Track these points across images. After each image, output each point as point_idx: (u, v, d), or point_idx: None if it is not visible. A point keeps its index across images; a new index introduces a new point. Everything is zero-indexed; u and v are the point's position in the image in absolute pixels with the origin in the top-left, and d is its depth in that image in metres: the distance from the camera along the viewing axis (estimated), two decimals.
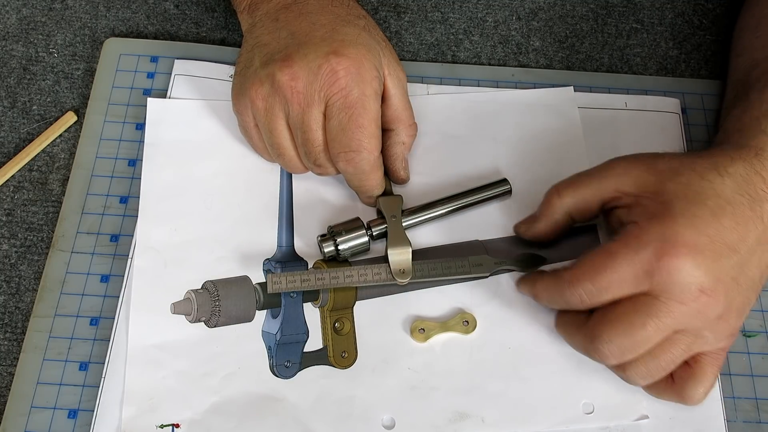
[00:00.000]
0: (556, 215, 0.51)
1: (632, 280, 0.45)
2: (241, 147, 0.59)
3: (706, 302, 0.45)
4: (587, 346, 0.48)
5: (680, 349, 0.46)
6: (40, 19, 0.66)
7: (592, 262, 0.46)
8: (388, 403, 0.51)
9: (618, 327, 0.46)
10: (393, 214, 0.55)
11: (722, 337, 0.47)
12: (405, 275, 0.54)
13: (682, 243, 0.44)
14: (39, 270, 0.56)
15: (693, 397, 0.48)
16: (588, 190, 0.50)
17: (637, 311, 0.45)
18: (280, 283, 0.52)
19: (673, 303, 0.45)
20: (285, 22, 0.54)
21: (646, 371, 0.47)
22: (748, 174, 0.47)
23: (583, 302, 0.47)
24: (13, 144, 0.61)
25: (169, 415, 0.51)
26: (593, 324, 0.47)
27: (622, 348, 0.46)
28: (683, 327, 0.46)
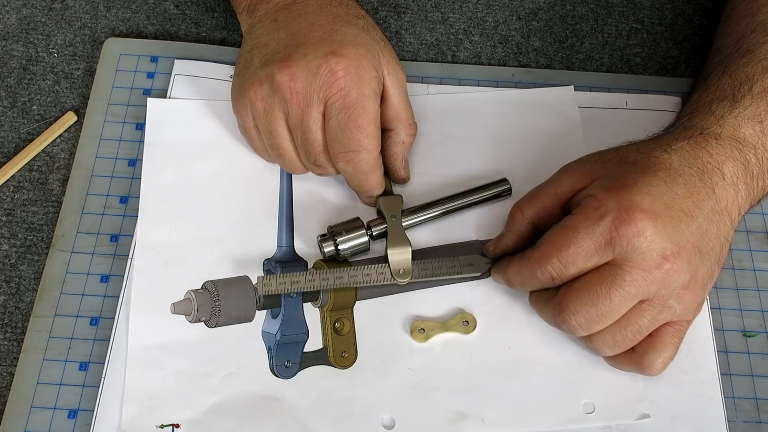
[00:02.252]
0: (521, 229, 0.52)
1: (595, 252, 0.46)
2: (241, 147, 0.59)
3: (669, 269, 0.45)
4: (556, 318, 0.48)
5: (646, 319, 0.47)
6: (40, 19, 0.66)
7: (556, 239, 0.47)
8: (388, 403, 0.51)
9: (584, 298, 0.46)
10: (393, 213, 0.55)
11: (689, 309, 0.48)
12: (405, 275, 0.53)
13: (639, 209, 0.45)
14: (39, 270, 0.56)
15: (651, 367, 0.49)
16: (546, 197, 0.51)
17: (602, 281, 0.46)
18: (270, 285, 0.52)
19: (636, 271, 0.45)
20: (284, 22, 0.54)
21: (613, 341, 0.48)
22: (692, 149, 0.49)
23: (554, 279, 0.48)
24: (13, 144, 0.61)
25: (169, 415, 0.50)
26: (560, 296, 0.48)
27: (588, 319, 0.47)
28: (649, 296, 0.46)
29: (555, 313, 0.48)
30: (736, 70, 0.53)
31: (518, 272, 0.50)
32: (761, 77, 0.52)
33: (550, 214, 0.51)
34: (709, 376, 0.53)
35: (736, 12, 0.60)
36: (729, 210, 0.48)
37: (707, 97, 0.53)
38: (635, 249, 0.45)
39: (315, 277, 0.53)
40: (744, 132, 0.50)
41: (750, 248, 0.58)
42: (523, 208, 0.52)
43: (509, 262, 0.51)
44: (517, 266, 0.50)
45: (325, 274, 0.53)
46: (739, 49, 0.55)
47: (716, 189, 0.48)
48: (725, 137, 0.50)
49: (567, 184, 0.50)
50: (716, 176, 0.48)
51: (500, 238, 0.53)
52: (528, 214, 0.51)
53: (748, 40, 0.55)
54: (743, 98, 0.51)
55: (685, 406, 0.52)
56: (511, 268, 0.51)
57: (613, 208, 0.46)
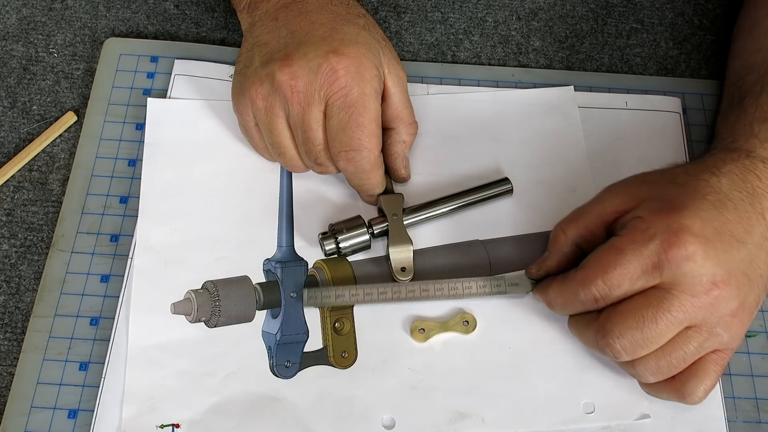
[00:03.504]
0: (564, 250, 0.51)
1: (642, 274, 0.45)
2: (241, 147, 0.59)
3: (718, 295, 0.44)
4: (599, 342, 0.47)
5: (692, 346, 0.46)
6: (40, 19, 0.66)
7: (601, 260, 0.46)
8: (388, 403, 0.51)
9: (629, 321, 0.45)
10: (394, 212, 0.55)
11: (735, 337, 0.46)
12: (406, 273, 0.54)
13: (689, 232, 0.44)
14: (39, 270, 0.56)
15: (692, 396, 0.47)
16: (590, 218, 0.49)
17: (648, 305, 0.45)
18: (315, 298, 0.52)
19: (684, 296, 0.44)
20: (284, 21, 0.54)
21: (656, 367, 0.47)
22: (741, 173, 0.48)
23: (597, 301, 0.46)
24: (13, 144, 0.61)
25: (170, 415, 0.50)
26: (604, 319, 0.46)
27: (633, 343, 0.45)
28: (696, 323, 0.45)
29: (598, 336, 0.47)
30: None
31: (560, 293, 0.49)
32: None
33: (594, 235, 0.49)
34: None
35: (763, 25, 0.58)
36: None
37: (747, 118, 0.52)
38: (684, 273, 0.44)
39: (359, 291, 0.52)
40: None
41: None
42: (565, 228, 0.50)
43: (551, 283, 0.50)
44: (560, 287, 0.49)
45: (369, 289, 0.53)
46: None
47: (766, 214, 0.47)
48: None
49: (612, 205, 0.49)
50: (766, 201, 0.47)
51: (543, 260, 0.52)
52: (571, 235, 0.50)
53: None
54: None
55: (685, 406, 0.52)
56: (552, 289, 0.50)
57: (663, 230, 0.44)
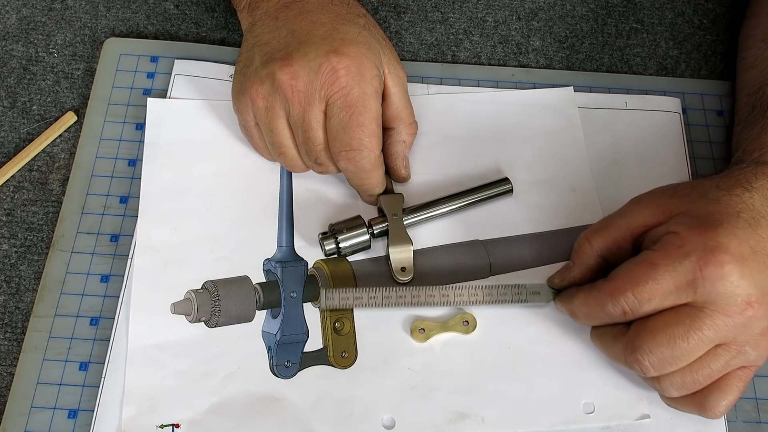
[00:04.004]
0: (589, 261, 0.50)
1: (675, 291, 0.44)
2: (241, 147, 0.59)
3: (752, 316, 0.44)
4: (627, 357, 0.46)
5: (720, 363, 0.45)
6: (40, 19, 0.66)
7: (633, 273, 0.45)
8: (388, 403, 0.51)
9: (659, 338, 0.44)
10: (394, 212, 0.55)
11: (764, 354, 0.46)
12: (406, 273, 0.54)
13: (726, 251, 0.43)
14: (39, 270, 0.56)
15: (714, 410, 0.47)
16: (617, 230, 0.49)
17: (679, 323, 0.44)
18: (333, 299, 0.52)
19: (717, 315, 0.44)
20: (285, 20, 0.54)
21: (682, 384, 0.46)
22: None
23: (626, 314, 0.46)
24: (13, 144, 0.61)
25: (169, 415, 0.50)
26: (633, 334, 0.46)
27: (662, 360, 0.45)
28: (726, 341, 0.45)
29: (627, 351, 0.46)
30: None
31: (585, 303, 0.48)
32: None
33: (621, 248, 0.49)
34: None
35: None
36: None
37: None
38: (719, 293, 0.43)
39: (378, 294, 0.52)
40: None
41: None
42: (591, 239, 0.49)
43: (576, 292, 0.49)
44: (585, 297, 0.48)
45: (388, 292, 0.52)
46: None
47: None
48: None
49: (641, 218, 0.48)
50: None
51: (567, 270, 0.51)
52: (597, 246, 0.49)
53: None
54: None
55: None
56: (578, 298, 0.49)
57: (699, 248, 0.44)
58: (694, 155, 0.61)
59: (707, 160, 0.62)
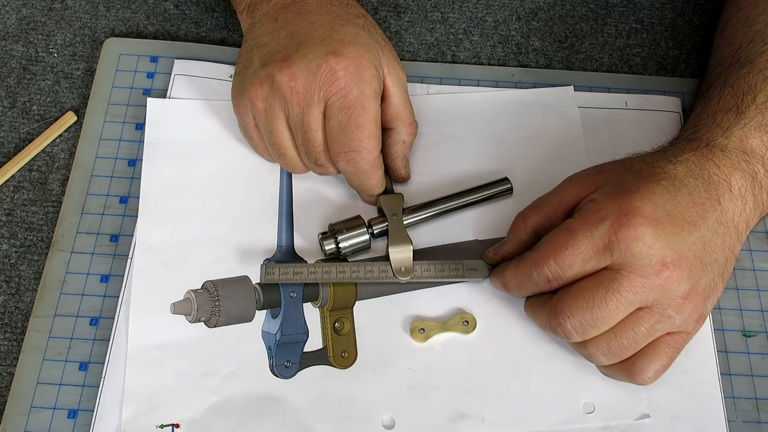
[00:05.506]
0: (523, 237, 0.52)
1: (593, 255, 0.46)
2: (241, 147, 0.59)
3: (668, 276, 0.45)
4: (551, 322, 0.48)
5: (643, 327, 0.46)
6: (40, 19, 0.66)
7: (554, 242, 0.47)
8: (388, 403, 0.51)
9: (580, 301, 0.46)
10: (394, 212, 0.55)
11: (689, 320, 0.47)
12: (406, 273, 0.54)
13: (639, 214, 0.45)
14: (39, 270, 0.56)
15: (641, 375, 0.48)
16: (550, 206, 0.51)
17: (599, 285, 0.46)
18: (273, 274, 0.52)
19: (634, 276, 0.45)
20: (284, 22, 0.54)
21: (608, 348, 0.47)
22: (699, 161, 0.48)
23: (550, 282, 0.47)
24: (13, 144, 0.61)
25: (169, 415, 0.50)
26: (556, 300, 0.47)
27: (583, 323, 0.46)
28: (647, 304, 0.46)
29: (550, 316, 0.48)
30: (738, 80, 0.53)
31: (515, 275, 0.50)
32: (763, 87, 0.51)
33: (553, 222, 0.50)
34: (709, 376, 0.53)
35: (732, 23, 0.59)
36: (735, 222, 0.48)
37: (710, 109, 0.52)
38: (634, 254, 0.45)
39: (318, 269, 0.53)
40: (751, 143, 0.49)
41: (750, 248, 0.58)
42: (526, 216, 0.51)
43: (506, 265, 0.51)
44: (514, 269, 0.50)
45: (327, 267, 0.53)
46: (738, 60, 0.55)
47: (722, 201, 0.47)
48: (732, 149, 0.49)
49: (571, 193, 0.50)
50: (723, 188, 0.48)
51: (501, 245, 0.53)
52: (531, 222, 0.51)
53: (746, 50, 0.55)
54: (747, 109, 0.51)
55: (685, 406, 0.52)
56: (508, 271, 0.51)
57: (613, 212, 0.45)
58: None
59: None
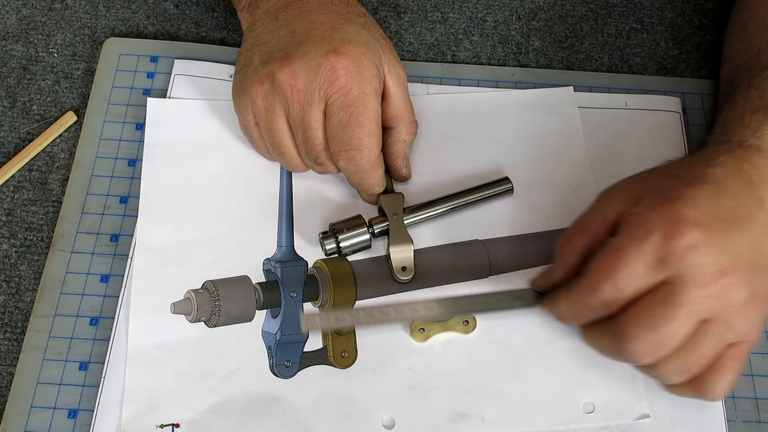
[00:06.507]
0: (571, 260, 0.50)
1: (648, 271, 0.44)
2: (241, 147, 0.59)
3: (727, 283, 0.44)
4: (617, 348, 0.46)
5: (711, 340, 0.45)
6: (40, 19, 0.66)
7: (604, 264, 0.45)
8: (388, 403, 0.51)
9: (644, 322, 0.44)
10: (394, 211, 0.55)
11: (753, 327, 0.46)
12: (407, 273, 0.54)
13: (687, 222, 0.43)
14: (39, 270, 0.56)
15: (712, 391, 0.46)
16: (594, 226, 0.48)
17: (659, 302, 0.44)
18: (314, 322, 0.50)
19: (692, 287, 0.43)
20: (285, 20, 0.54)
21: (680, 368, 0.46)
22: (736, 162, 0.47)
23: (607, 306, 0.46)
24: (13, 144, 0.61)
25: (169, 415, 0.50)
26: (618, 324, 0.45)
27: (651, 344, 0.44)
28: (711, 315, 0.44)
29: (615, 342, 0.46)
30: (762, 82, 0.52)
31: (569, 304, 0.48)
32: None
33: (599, 241, 0.47)
34: None
35: (749, 27, 0.59)
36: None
37: (737, 111, 0.51)
38: (690, 264, 0.43)
39: (360, 313, 0.50)
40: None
41: None
42: (572, 239, 0.49)
43: (559, 295, 0.49)
44: (567, 298, 0.48)
45: (369, 311, 0.50)
46: (760, 62, 0.54)
47: (766, 201, 0.46)
48: (767, 148, 0.48)
49: (612, 207, 0.48)
50: (764, 189, 0.46)
51: (549, 272, 0.51)
52: (578, 245, 0.49)
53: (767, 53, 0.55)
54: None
55: (684, 406, 0.52)
56: (561, 301, 0.48)
57: (660, 223, 0.44)
58: None
59: None
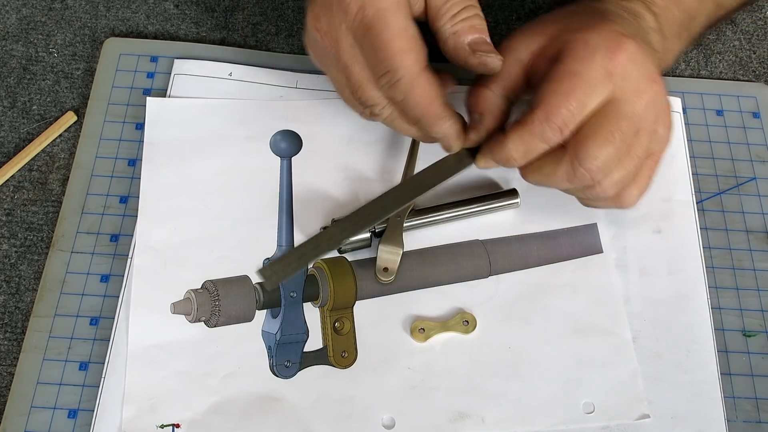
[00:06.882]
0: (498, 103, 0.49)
1: (598, 87, 0.45)
2: (241, 146, 0.59)
3: (658, 90, 0.46)
4: (576, 172, 0.46)
5: (642, 149, 0.47)
6: (40, 19, 0.66)
7: (559, 89, 0.45)
8: (388, 402, 0.51)
9: (600, 140, 0.45)
10: (398, 213, 0.55)
11: (666, 137, 0.49)
12: (388, 274, 0.53)
13: (625, 36, 0.46)
14: (39, 270, 0.56)
15: (630, 200, 0.50)
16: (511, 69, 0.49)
17: (609, 118, 0.45)
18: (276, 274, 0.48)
19: (633, 98, 0.46)
20: None
21: (617, 180, 0.48)
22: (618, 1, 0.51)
23: (563, 131, 0.46)
24: (13, 144, 0.61)
25: (170, 415, 0.50)
26: (574, 147, 0.46)
27: (607, 160, 0.46)
28: (643, 123, 0.46)
29: (573, 166, 0.46)
30: None
31: (521, 141, 0.47)
32: None
33: (518, 84, 0.49)
34: (709, 376, 0.53)
35: None
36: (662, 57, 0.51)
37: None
38: (631, 74, 0.45)
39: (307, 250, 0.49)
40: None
41: (750, 248, 0.58)
42: (491, 86, 0.49)
43: (504, 136, 0.47)
44: (518, 136, 0.47)
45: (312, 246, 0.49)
46: None
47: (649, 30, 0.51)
48: None
49: (527, 50, 0.49)
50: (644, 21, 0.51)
51: (479, 123, 0.49)
52: (497, 89, 0.49)
53: None
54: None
55: (685, 406, 0.52)
56: (511, 140, 0.47)
57: (602, 41, 0.46)
58: (694, 155, 0.62)
59: (707, 160, 0.62)
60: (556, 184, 0.49)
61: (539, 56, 0.48)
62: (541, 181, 0.49)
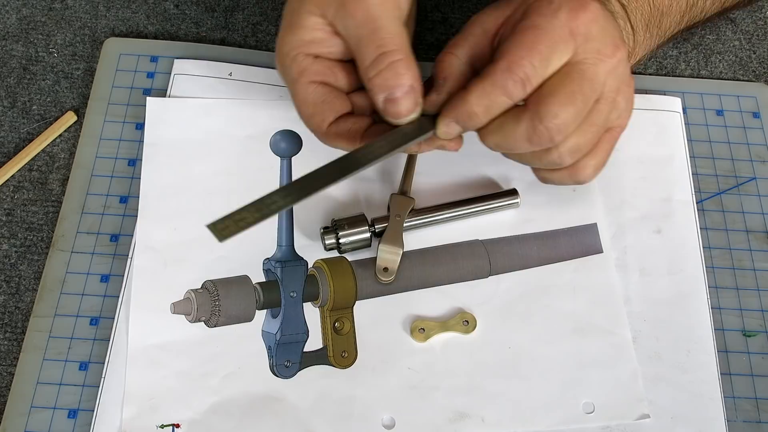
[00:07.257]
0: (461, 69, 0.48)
1: (562, 44, 0.45)
2: (241, 146, 0.59)
3: (621, 57, 0.46)
4: (537, 129, 0.45)
5: (602, 118, 0.47)
6: (40, 19, 0.66)
7: (522, 42, 0.45)
8: (388, 402, 0.51)
9: (561, 98, 0.44)
10: (398, 213, 0.55)
11: (627, 109, 0.49)
12: (388, 274, 0.53)
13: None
14: (39, 270, 0.56)
15: (585, 174, 0.50)
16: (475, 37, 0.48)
17: (571, 78, 0.45)
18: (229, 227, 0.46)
19: (596, 61, 0.45)
20: None
21: (576, 147, 0.47)
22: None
23: (525, 85, 0.45)
24: (13, 144, 0.61)
25: (170, 415, 0.50)
26: (535, 104, 0.45)
27: (567, 121, 0.45)
28: (603, 91, 0.46)
29: (534, 124, 0.45)
30: None
31: (483, 95, 0.45)
32: None
33: (484, 51, 0.48)
34: (709, 376, 0.53)
35: None
36: None
37: None
38: (593, 37, 0.45)
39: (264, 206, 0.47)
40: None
41: (750, 248, 0.58)
42: (454, 51, 0.48)
43: (465, 92, 0.46)
44: (480, 89, 0.45)
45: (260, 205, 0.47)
46: None
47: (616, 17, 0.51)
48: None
49: (493, 19, 0.48)
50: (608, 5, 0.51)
51: (440, 87, 0.48)
52: (462, 55, 0.48)
53: None
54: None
55: (685, 406, 0.52)
56: (472, 95, 0.45)
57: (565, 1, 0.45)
58: (694, 155, 0.62)
59: (707, 160, 0.62)
60: (514, 145, 0.47)
61: (505, 24, 0.48)
62: (501, 143, 0.48)
